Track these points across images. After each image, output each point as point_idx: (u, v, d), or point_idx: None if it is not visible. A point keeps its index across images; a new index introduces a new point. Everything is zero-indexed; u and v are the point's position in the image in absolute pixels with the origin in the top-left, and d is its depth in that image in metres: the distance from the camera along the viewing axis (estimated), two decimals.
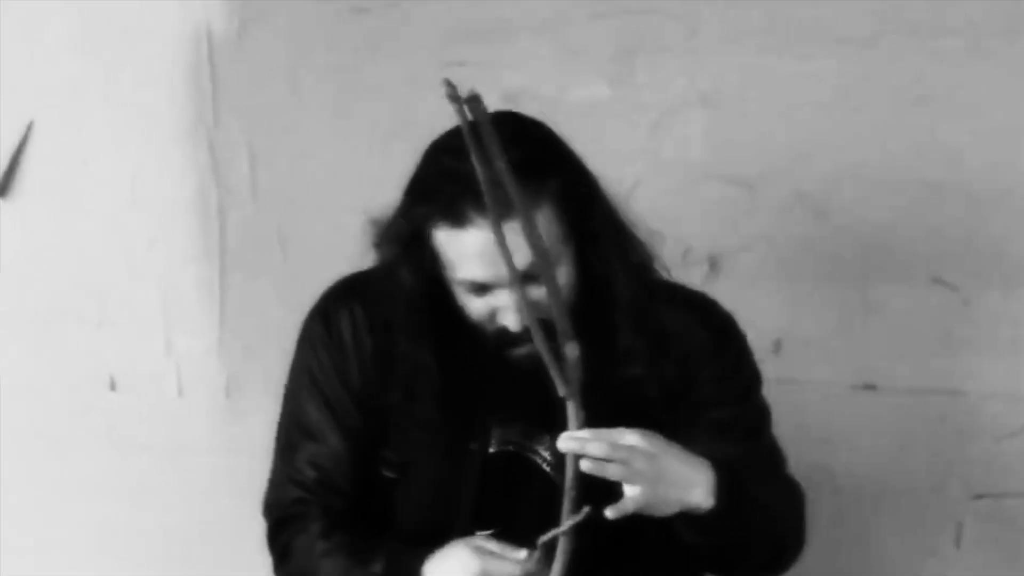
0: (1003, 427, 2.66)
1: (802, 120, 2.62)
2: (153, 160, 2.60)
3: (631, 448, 1.89)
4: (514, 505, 2.10)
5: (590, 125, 2.46)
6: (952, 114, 2.64)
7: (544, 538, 1.89)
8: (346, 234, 2.15)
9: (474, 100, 1.67)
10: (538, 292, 1.89)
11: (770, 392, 2.26)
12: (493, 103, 2.05)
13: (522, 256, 1.80)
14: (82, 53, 2.58)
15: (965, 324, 2.65)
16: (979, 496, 2.67)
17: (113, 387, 2.64)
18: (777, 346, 2.64)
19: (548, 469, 2.11)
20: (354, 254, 2.18)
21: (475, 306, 2.01)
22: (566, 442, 1.85)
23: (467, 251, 1.96)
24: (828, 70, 2.61)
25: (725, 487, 1.96)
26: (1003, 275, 2.64)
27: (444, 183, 1.95)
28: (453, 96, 1.64)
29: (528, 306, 1.86)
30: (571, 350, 1.78)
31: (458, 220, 1.93)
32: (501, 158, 1.75)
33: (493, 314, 2.00)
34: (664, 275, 2.17)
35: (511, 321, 1.98)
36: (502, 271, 1.91)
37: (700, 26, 2.62)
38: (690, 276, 2.46)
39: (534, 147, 1.97)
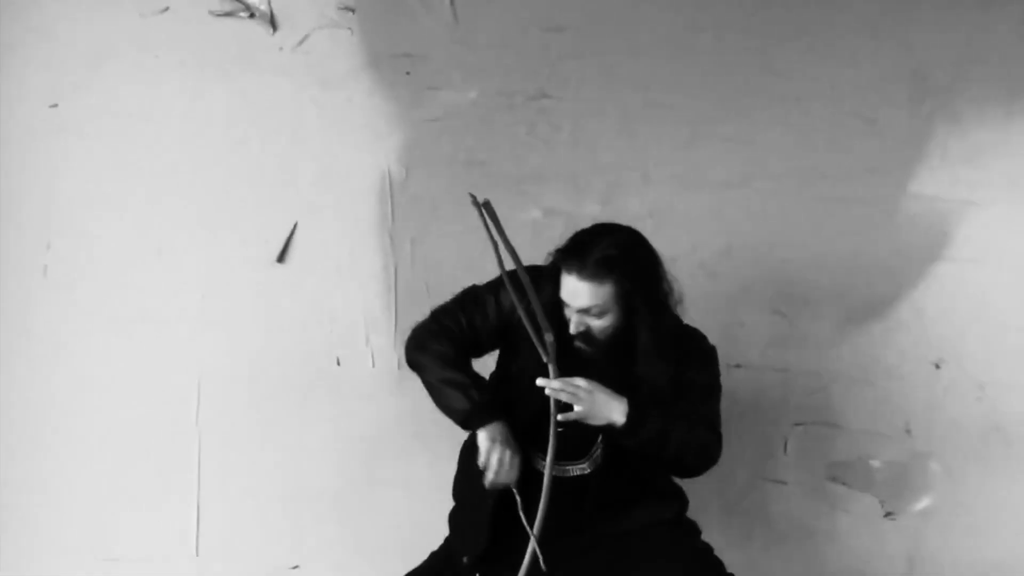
0: (810, 387, 3.44)
1: (705, 225, 3.40)
2: (360, 244, 3.35)
3: (577, 386, 2.48)
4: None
5: None
6: (788, 229, 3.39)
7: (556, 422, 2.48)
8: (464, 283, 2.86)
9: (487, 204, 2.30)
10: (589, 319, 2.53)
11: None
12: (537, 216, 3.22)
13: (583, 300, 2.50)
14: (321, 187, 3.35)
15: (789, 334, 3.44)
16: (797, 424, 3.41)
17: (338, 363, 3.31)
18: None
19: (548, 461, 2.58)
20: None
21: (567, 311, 2.62)
22: (542, 383, 2.47)
23: (566, 286, 2.62)
24: (721, 199, 3.38)
25: (633, 413, 2.53)
26: (811, 308, 3.44)
27: (571, 251, 2.59)
28: (475, 202, 2.33)
29: (581, 322, 2.55)
30: (548, 337, 2.46)
31: (567, 269, 2.59)
32: (504, 240, 2.31)
33: (570, 319, 2.62)
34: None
35: (572, 326, 2.63)
36: (575, 303, 2.55)
37: (649, 174, 3.39)
38: None
39: (617, 247, 2.49)
